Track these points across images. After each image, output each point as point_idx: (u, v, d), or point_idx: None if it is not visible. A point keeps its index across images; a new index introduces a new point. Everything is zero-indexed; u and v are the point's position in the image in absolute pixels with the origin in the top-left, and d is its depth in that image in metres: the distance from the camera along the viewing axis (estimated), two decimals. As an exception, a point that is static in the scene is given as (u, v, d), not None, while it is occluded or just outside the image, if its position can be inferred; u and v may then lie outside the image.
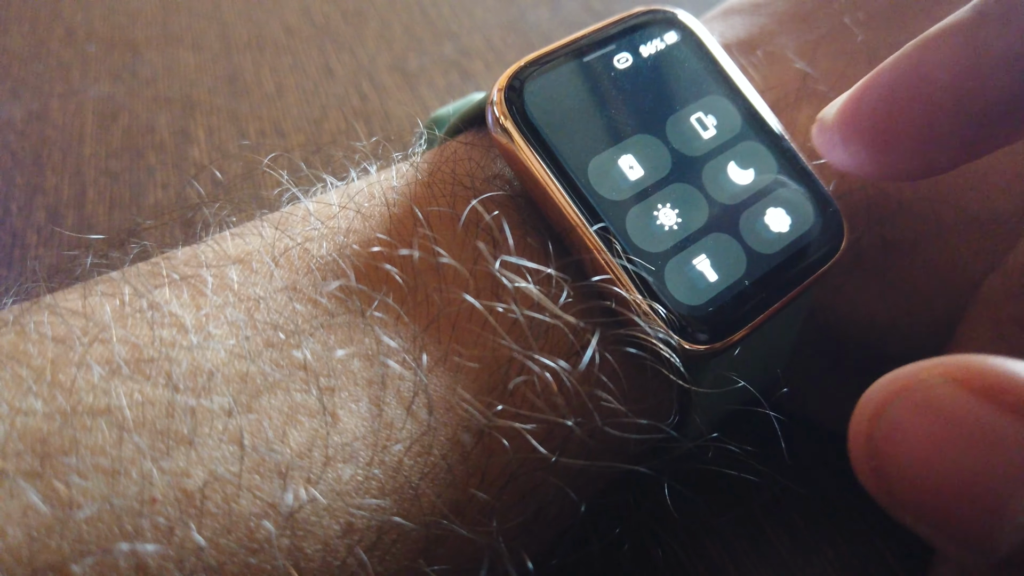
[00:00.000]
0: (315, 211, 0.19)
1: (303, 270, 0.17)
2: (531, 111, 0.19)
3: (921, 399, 0.13)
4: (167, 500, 0.14)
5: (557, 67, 0.20)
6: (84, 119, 0.41)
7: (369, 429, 0.16)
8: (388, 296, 0.17)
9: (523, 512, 0.18)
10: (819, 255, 0.20)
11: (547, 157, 0.19)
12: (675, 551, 0.24)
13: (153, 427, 0.14)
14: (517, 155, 0.19)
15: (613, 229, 0.18)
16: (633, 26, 0.21)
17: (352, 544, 0.15)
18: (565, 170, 0.19)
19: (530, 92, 0.19)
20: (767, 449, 0.22)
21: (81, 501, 0.13)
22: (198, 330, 0.16)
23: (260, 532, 0.15)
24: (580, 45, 0.21)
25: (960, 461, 0.12)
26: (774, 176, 0.21)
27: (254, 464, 0.15)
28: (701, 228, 0.20)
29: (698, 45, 0.22)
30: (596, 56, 0.21)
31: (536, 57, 0.20)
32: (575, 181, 0.19)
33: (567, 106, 0.20)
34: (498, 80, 0.19)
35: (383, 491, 0.16)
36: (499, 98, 0.19)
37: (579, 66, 0.20)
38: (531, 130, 0.19)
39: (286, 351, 0.16)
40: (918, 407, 0.13)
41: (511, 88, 0.19)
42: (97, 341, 0.15)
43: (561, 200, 0.18)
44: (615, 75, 0.21)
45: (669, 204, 0.19)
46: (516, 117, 0.19)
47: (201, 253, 0.18)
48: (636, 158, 0.20)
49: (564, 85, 0.20)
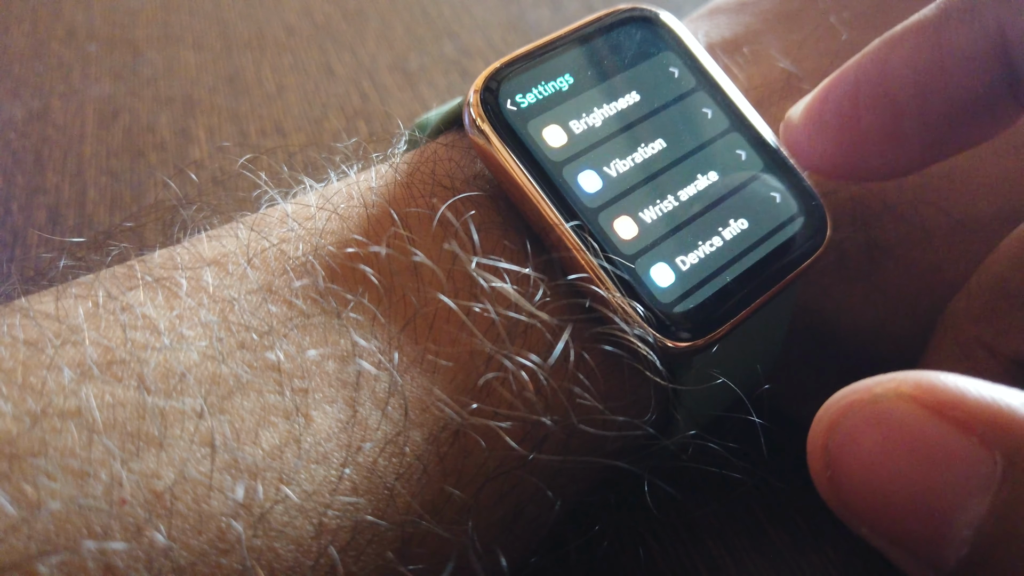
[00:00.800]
0: (292, 212, 0.19)
1: (278, 271, 0.17)
2: (507, 112, 0.19)
3: (874, 412, 0.13)
4: (136, 501, 0.14)
5: (534, 67, 0.20)
6: (85, 118, 0.41)
7: (343, 430, 0.16)
8: (364, 297, 0.17)
9: (501, 512, 0.18)
10: (802, 250, 0.20)
11: (523, 158, 0.19)
12: (676, 550, 0.24)
13: (123, 429, 0.14)
14: (494, 156, 0.19)
15: (590, 227, 0.18)
16: (612, 24, 0.21)
17: (325, 544, 0.16)
18: (542, 170, 0.19)
19: (506, 93, 0.19)
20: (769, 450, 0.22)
21: (49, 502, 0.13)
22: (170, 332, 0.16)
23: (231, 533, 0.15)
24: (558, 44, 0.21)
25: (909, 474, 0.13)
26: (757, 172, 0.21)
27: (225, 465, 0.15)
28: (682, 225, 0.19)
29: (678, 43, 0.22)
30: (574, 55, 0.21)
31: (513, 58, 0.20)
32: (552, 181, 0.19)
33: (545, 105, 0.20)
34: (475, 82, 0.19)
35: (357, 491, 0.16)
36: (475, 99, 0.19)
37: (557, 66, 0.20)
38: (507, 131, 0.19)
39: (259, 352, 0.16)
40: (871, 420, 0.13)
41: (487, 89, 0.19)
42: (69, 343, 0.15)
43: (538, 200, 0.18)
44: (594, 74, 0.20)
45: (648, 202, 0.19)
46: (492, 118, 0.19)
47: (177, 255, 0.18)
48: (615, 156, 0.20)
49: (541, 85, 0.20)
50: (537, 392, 0.18)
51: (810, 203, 0.21)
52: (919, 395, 0.13)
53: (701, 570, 0.24)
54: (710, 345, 0.19)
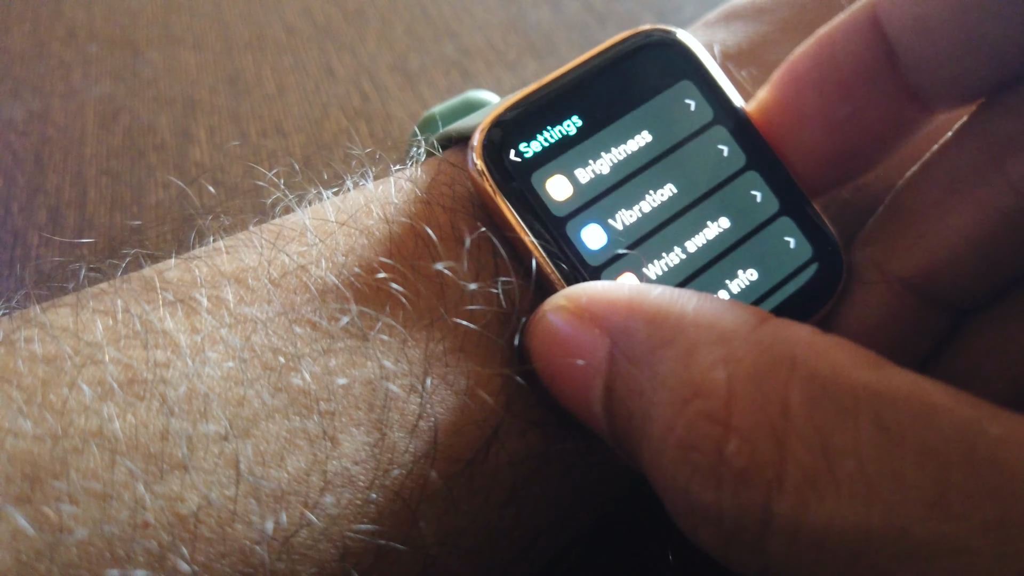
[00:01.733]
0: (312, 226, 0.18)
1: (301, 290, 0.17)
2: (509, 164, 0.19)
3: (537, 329, 0.17)
4: (160, 524, 0.14)
5: (540, 111, 0.19)
6: (85, 119, 0.41)
7: (370, 454, 0.16)
8: (391, 318, 0.17)
9: (521, 532, 0.18)
10: (813, 301, 0.20)
11: (526, 213, 0.18)
12: (677, 550, 0.24)
13: (147, 450, 0.14)
14: (497, 208, 0.18)
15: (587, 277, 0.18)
16: (626, 53, 0.20)
17: (348, 568, 0.15)
18: (545, 225, 0.18)
19: (509, 142, 0.19)
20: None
21: (72, 526, 0.13)
22: (193, 351, 0.16)
23: (254, 557, 0.14)
24: (568, 80, 0.20)
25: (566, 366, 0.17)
26: (772, 215, 0.20)
27: (250, 489, 0.15)
28: (687, 280, 0.19)
29: (696, 70, 0.21)
30: (583, 93, 0.20)
31: (519, 99, 0.19)
32: (554, 237, 0.18)
33: (549, 155, 0.19)
34: (481, 122, 0.19)
35: (382, 515, 0.16)
36: (479, 147, 0.19)
37: (564, 107, 0.20)
38: (509, 185, 0.18)
39: (284, 375, 0.16)
40: (537, 334, 0.17)
41: (489, 141, 0.19)
42: (89, 361, 0.15)
43: (539, 257, 0.18)
44: (603, 115, 0.20)
45: (654, 256, 0.19)
46: (493, 170, 0.18)
47: (195, 267, 0.17)
48: (622, 207, 0.19)
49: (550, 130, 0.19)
50: (561, 416, 0.18)
51: (826, 248, 0.20)
52: (567, 304, 0.17)
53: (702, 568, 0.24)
54: None
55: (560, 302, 0.17)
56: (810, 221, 0.20)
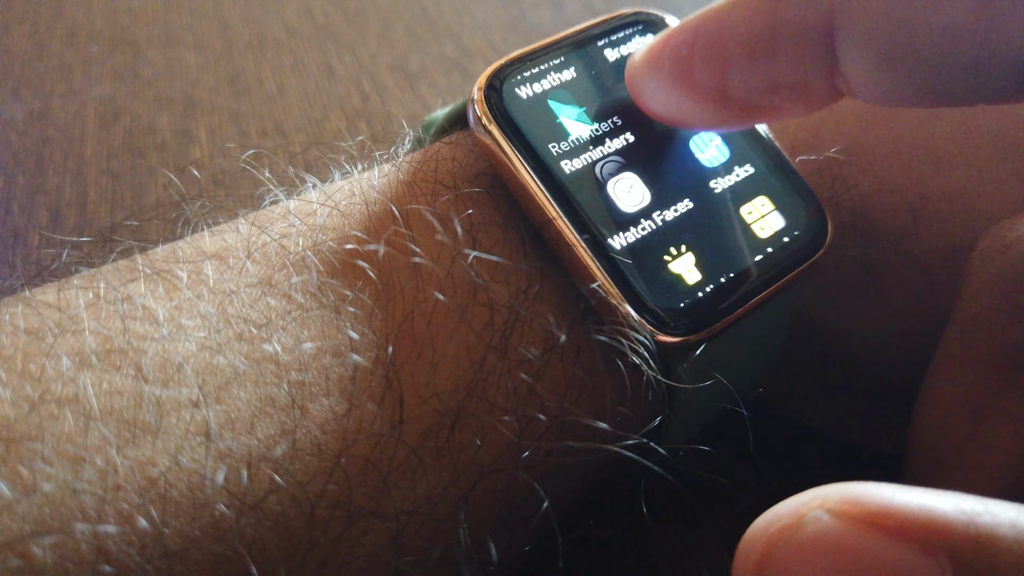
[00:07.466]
0: (295, 209, 0.19)
1: (278, 266, 0.17)
2: (511, 108, 0.19)
3: (806, 538, 0.12)
4: (131, 487, 0.14)
5: (538, 65, 0.20)
6: (86, 119, 0.41)
7: (338, 422, 0.16)
8: (363, 292, 0.17)
9: (496, 508, 0.18)
10: (802, 251, 0.20)
11: (527, 153, 0.19)
12: (677, 550, 0.24)
13: (120, 416, 0.15)
14: (496, 152, 0.19)
15: (592, 223, 0.19)
16: (617, 26, 0.21)
17: (317, 536, 0.16)
18: (545, 165, 0.19)
19: (510, 89, 0.19)
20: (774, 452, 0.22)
21: (43, 484, 0.14)
22: (169, 322, 0.16)
23: (223, 520, 0.15)
24: (562, 44, 0.21)
25: None
26: (757, 171, 0.21)
27: (219, 454, 0.15)
28: (681, 221, 0.20)
29: None
30: (578, 55, 0.21)
31: (517, 56, 0.20)
32: (554, 175, 0.19)
33: (548, 103, 0.20)
34: (478, 79, 0.20)
35: (351, 483, 0.16)
36: (479, 96, 0.19)
37: (560, 64, 0.20)
38: (511, 127, 0.19)
39: (257, 344, 0.16)
40: (805, 547, 0.12)
41: (491, 87, 0.19)
42: (68, 332, 0.16)
43: (538, 193, 0.19)
44: (596, 74, 0.21)
45: (649, 198, 0.20)
46: (496, 114, 0.19)
47: (179, 249, 0.18)
48: (618, 154, 0.20)
49: (545, 83, 0.20)
50: (532, 389, 0.18)
51: (810, 204, 0.21)
52: (847, 509, 0.12)
53: (702, 570, 0.24)
54: (706, 342, 0.19)
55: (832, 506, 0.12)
56: (796, 181, 0.21)
